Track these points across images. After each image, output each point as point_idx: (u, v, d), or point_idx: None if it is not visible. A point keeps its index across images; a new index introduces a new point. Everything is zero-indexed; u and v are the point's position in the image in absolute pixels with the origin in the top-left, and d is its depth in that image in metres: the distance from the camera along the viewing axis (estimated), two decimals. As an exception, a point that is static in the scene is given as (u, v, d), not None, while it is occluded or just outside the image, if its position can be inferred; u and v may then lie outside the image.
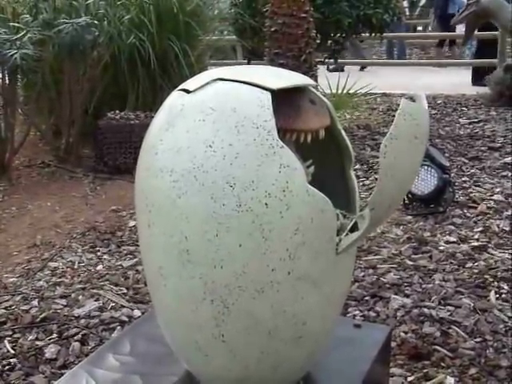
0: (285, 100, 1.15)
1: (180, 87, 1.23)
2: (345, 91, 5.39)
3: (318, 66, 4.92)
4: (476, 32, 6.41)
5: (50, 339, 1.98)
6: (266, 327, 1.18)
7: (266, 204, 1.08)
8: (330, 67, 7.28)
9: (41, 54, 3.84)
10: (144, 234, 1.25)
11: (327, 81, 5.25)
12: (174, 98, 1.20)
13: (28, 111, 4.51)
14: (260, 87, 1.12)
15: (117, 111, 4.20)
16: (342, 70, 6.46)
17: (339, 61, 5.79)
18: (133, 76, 4.52)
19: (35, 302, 2.23)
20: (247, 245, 1.10)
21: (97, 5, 4.20)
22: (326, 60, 5.48)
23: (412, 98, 1.19)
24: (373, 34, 5.44)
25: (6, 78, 3.98)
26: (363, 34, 5.56)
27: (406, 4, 13.68)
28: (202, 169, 1.09)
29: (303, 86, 1.19)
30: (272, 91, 1.12)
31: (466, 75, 7.52)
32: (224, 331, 1.19)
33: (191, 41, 4.68)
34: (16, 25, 3.76)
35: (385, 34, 5.54)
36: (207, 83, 1.17)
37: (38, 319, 2.10)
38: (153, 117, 1.27)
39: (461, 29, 7.64)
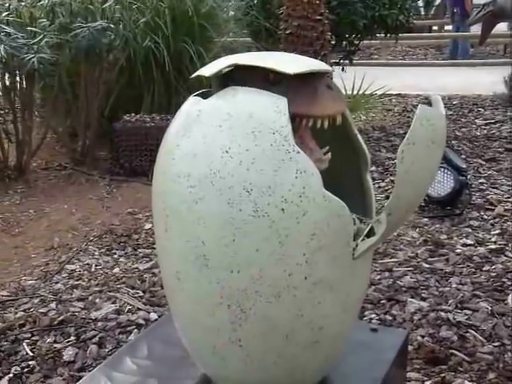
0: (301, 85, 1.14)
1: (196, 73, 1.23)
2: (360, 92, 5.38)
3: (334, 67, 4.91)
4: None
5: (67, 342, 2.00)
6: (283, 332, 1.19)
7: (283, 209, 1.08)
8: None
9: (57, 58, 3.87)
10: (161, 239, 1.26)
11: (342, 82, 5.24)
12: (191, 104, 1.20)
13: (45, 114, 4.55)
14: (276, 72, 1.11)
15: (132, 114, 4.22)
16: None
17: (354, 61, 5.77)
18: (148, 79, 4.54)
19: (53, 305, 2.25)
20: (264, 250, 1.11)
21: (113, 9, 4.23)
22: (341, 61, 5.48)
23: (429, 102, 1.19)
24: (388, 35, 5.42)
25: (24, 82, 4.01)
26: (378, 35, 5.55)
27: (420, 3, 13.62)
28: (219, 174, 1.10)
29: (320, 72, 1.18)
30: (289, 75, 1.11)
31: (484, 74, 7.47)
32: (241, 335, 1.19)
33: (206, 43, 4.70)
34: (33, 29, 3.80)
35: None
36: (224, 87, 1.17)
37: (56, 322, 2.11)
38: (168, 119, 1.28)
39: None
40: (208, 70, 1.20)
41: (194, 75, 1.25)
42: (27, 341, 2.01)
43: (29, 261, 2.74)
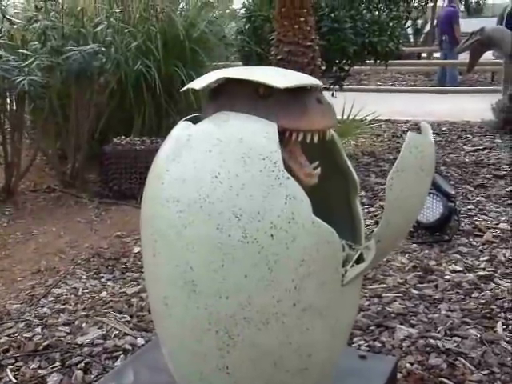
0: (291, 99, 1.14)
1: (187, 86, 1.23)
2: (350, 117, 5.42)
3: (324, 92, 4.95)
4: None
5: (52, 367, 1.96)
6: (272, 359, 1.18)
7: (272, 235, 1.08)
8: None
9: (48, 80, 3.88)
10: (149, 263, 1.25)
11: (332, 107, 5.28)
12: (181, 129, 1.21)
13: (35, 136, 4.54)
14: (266, 85, 1.12)
15: (122, 136, 4.22)
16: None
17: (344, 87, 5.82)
18: (139, 102, 4.56)
19: (38, 330, 2.21)
20: (253, 276, 1.10)
21: (104, 32, 4.25)
22: (331, 86, 5.52)
23: (418, 129, 1.19)
24: (378, 61, 5.48)
25: (14, 104, 4.01)
26: (368, 61, 5.61)
27: (410, 31, 13.82)
28: (208, 199, 1.10)
29: (310, 87, 1.19)
30: (279, 90, 1.11)
31: (472, 101, 7.55)
32: (229, 362, 1.18)
33: (197, 67, 4.73)
34: (25, 52, 3.80)
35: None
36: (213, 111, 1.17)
37: (41, 347, 2.08)
38: (158, 142, 1.28)
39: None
40: (198, 84, 1.20)
41: (184, 88, 1.26)
42: (11, 367, 1.98)
43: (15, 284, 2.70)
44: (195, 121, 1.21)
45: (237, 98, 1.17)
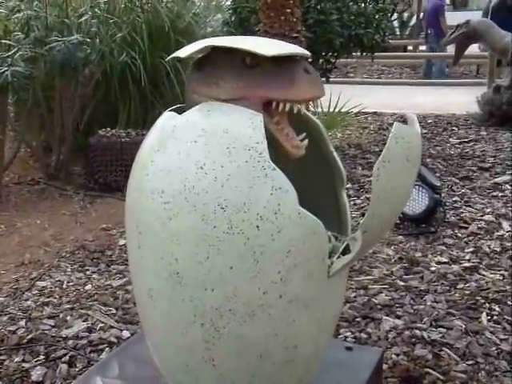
0: (278, 69, 1.12)
1: (172, 56, 1.21)
2: (336, 110, 5.42)
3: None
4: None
5: (36, 361, 1.95)
6: (257, 351, 1.17)
7: (258, 226, 1.07)
8: None
9: (32, 72, 3.83)
10: (134, 256, 1.24)
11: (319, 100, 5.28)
12: (166, 119, 1.19)
13: (18, 128, 4.49)
14: (254, 53, 1.10)
15: (108, 129, 4.19)
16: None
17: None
18: (124, 93, 4.52)
19: (22, 323, 2.19)
20: (238, 267, 1.09)
21: (89, 23, 4.21)
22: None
23: (404, 121, 1.19)
24: (364, 54, 5.48)
25: (-3, 95, 3.96)
26: (354, 54, 5.61)
27: (396, 24, 13.82)
28: (193, 190, 1.09)
29: (298, 57, 1.16)
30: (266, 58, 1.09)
31: (458, 94, 7.58)
32: (214, 355, 1.17)
33: (183, 60, 4.70)
34: (7, 42, 3.75)
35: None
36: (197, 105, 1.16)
37: (25, 340, 2.06)
38: (144, 134, 1.26)
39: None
40: (183, 52, 1.19)
41: (170, 57, 1.24)
42: (-6, 360, 1.96)
43: (-2, 277, 2.68)
44: (180, 111, 1.19)
45: (222, 68, 1.14)
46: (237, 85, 1.13)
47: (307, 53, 1.19)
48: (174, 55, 1.21)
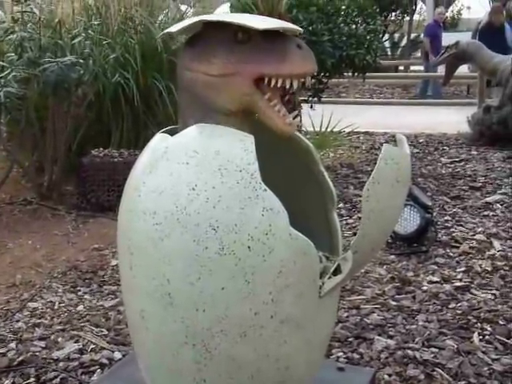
0: (270, 45, 1.12)
1: (163, 32, 1.22)
2: (328, 129, 5.45)
3: (302, 104, 4.98)
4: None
5: (27, 383, 1.93)
6: (249, 372, 1.17)
7: (249, 247, 1.08)
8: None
9: (25, 92, 3.84)
10: (126, 276, 1.24)
11: (310, 119, 5.32)
12: (158, 141, 1.20)
13: (11, 148, 4.49)
14: (245, 28, 1.10)
15: (101, 148, 4.19)
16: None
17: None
18: (117, 114, 4.53)
19: (13, 345, 2.18)
20: (230, 288, 1.10)
21: (82, 44, 4.24)
22: (310, 99, 5.56)
23: (394, 142, 1.20)
24: (355, 74, 5.53)
25: (-10, 116, 3.97)
26: (346, 74, 5.66)
27: (387, 44, 13.99)
28: (185, 211, 1.09)
29: (290, 33, 1.17)
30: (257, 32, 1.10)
31: (449, 114, 7.65)
32: (206, 376, 1.17)
33: (175, 78, 4.72)
34: (1, 63, 3.77)
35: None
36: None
37: (16, 362, 2.04)
38: (136, 155, 1.27)
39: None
40: (175, 27, 1.20)
41: (161, 34, 1.25)
42: (-16, 382, 1.94)
43: (-11, 298, 2.66)
44: (172, 133, 1.20)
45: (214, 44, 1.15)
46: (228, 60, 1.13)
47: (299, 28, 1.19)
48: (166, 31, 1.22)
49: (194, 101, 1.19)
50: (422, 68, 11.28)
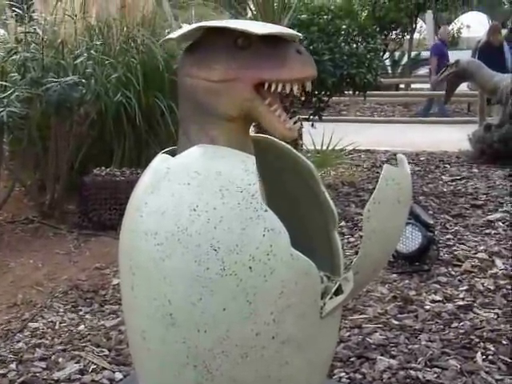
0: (271, 51, 1.13)
1: (165, 38, 1.23)
2: (330, 148, 5.46)
3: (303, 123, 5.00)
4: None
5: (27, 404, 1.93)
6: (250, 393, 1.16)
7: (250, 268, 1.08)
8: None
9: (28, 112, 3.87)
10: (127, 296, 1.24)
11: (311, 138, 5.33)
12: (159, 161, 1.21)
13: (13, 167, 4.50)
14: (246, 34, 1.12)
15: (102, 167, 4.21)
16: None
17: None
18: (119, 133, 4.56)
19: (13, 366, 2.17)
20: (231, 309, 1.10)
21: (85, 64, 4.27)
22: (311, 117, 5.58)
23: (395, 161, 1.21)
24: (356, 93, 5.55)
25: (-8, 135, 3.99)
26: (347, 92, 5.68)
27: (388, 62, 14.05)
28: (187, 232, 1.10)
29: (290, 38, 1.18)
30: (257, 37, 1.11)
31: (449, 132, 7.67)
32: (207, 398, 1.16)
33: (177, 98, 4.74)
34: (4, 83, 3.80)
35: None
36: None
37: (16, 383, 2.04)
38: (138, 173, 1.28)
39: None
40: (176, 33, 1.21)
41: (163, 39, 1.27)
42: (-15, 404, 1.93)
43: (-10, 318, 2.65)
44: (174, 153, 1.21)
45: (215, 50, 1.16)
46: (229, 66, 1.14)
47: (298, 34, 1.21)
48: (167, 37, 1.23)
49: (194, 107, 1.20)
50: (422, 86, 11.32)
